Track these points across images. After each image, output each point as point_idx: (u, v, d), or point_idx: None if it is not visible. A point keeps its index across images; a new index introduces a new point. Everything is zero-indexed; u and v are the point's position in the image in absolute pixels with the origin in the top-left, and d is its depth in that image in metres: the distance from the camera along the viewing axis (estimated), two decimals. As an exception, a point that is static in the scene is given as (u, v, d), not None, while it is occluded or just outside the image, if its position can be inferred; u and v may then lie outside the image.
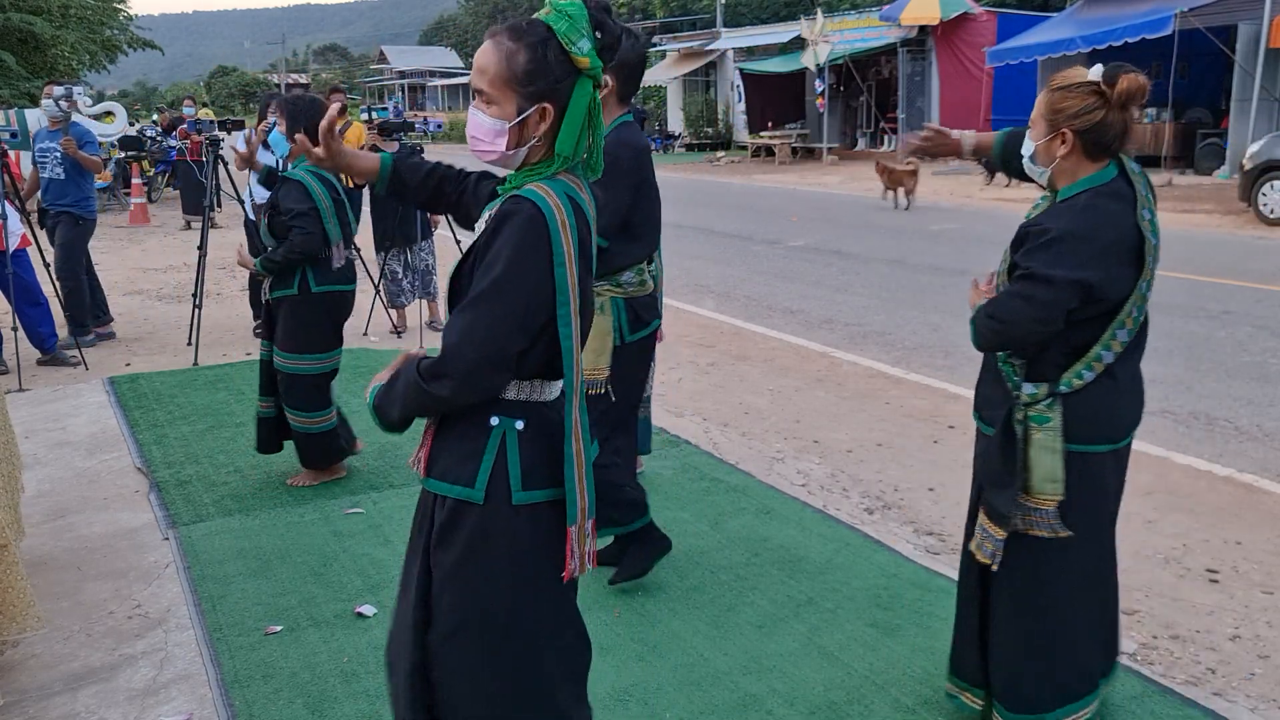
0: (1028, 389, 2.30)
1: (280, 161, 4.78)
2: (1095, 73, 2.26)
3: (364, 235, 7.84)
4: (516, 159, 1.81)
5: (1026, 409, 2.30)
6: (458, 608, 1.81)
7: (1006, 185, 17.13)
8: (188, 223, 14.12)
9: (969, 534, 2.51)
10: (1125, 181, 2.30)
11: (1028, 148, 2.37)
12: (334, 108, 2.22)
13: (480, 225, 1.81)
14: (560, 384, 1.82)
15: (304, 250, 4.06)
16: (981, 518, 2.40)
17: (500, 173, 1.94)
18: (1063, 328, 2.23)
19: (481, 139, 1.79)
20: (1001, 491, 2.33)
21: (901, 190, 14.88)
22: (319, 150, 2.05)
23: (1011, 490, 2.32)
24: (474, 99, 1.81)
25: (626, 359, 3.23)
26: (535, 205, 1.69)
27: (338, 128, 2.08)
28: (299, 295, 4.15)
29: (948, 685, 2.66)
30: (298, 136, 2.12)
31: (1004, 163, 2.65)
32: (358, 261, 7.88)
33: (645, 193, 3.17)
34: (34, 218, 7.44)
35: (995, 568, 2.38)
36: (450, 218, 2.44)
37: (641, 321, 3.26)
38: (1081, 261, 2.18)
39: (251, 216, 6.85)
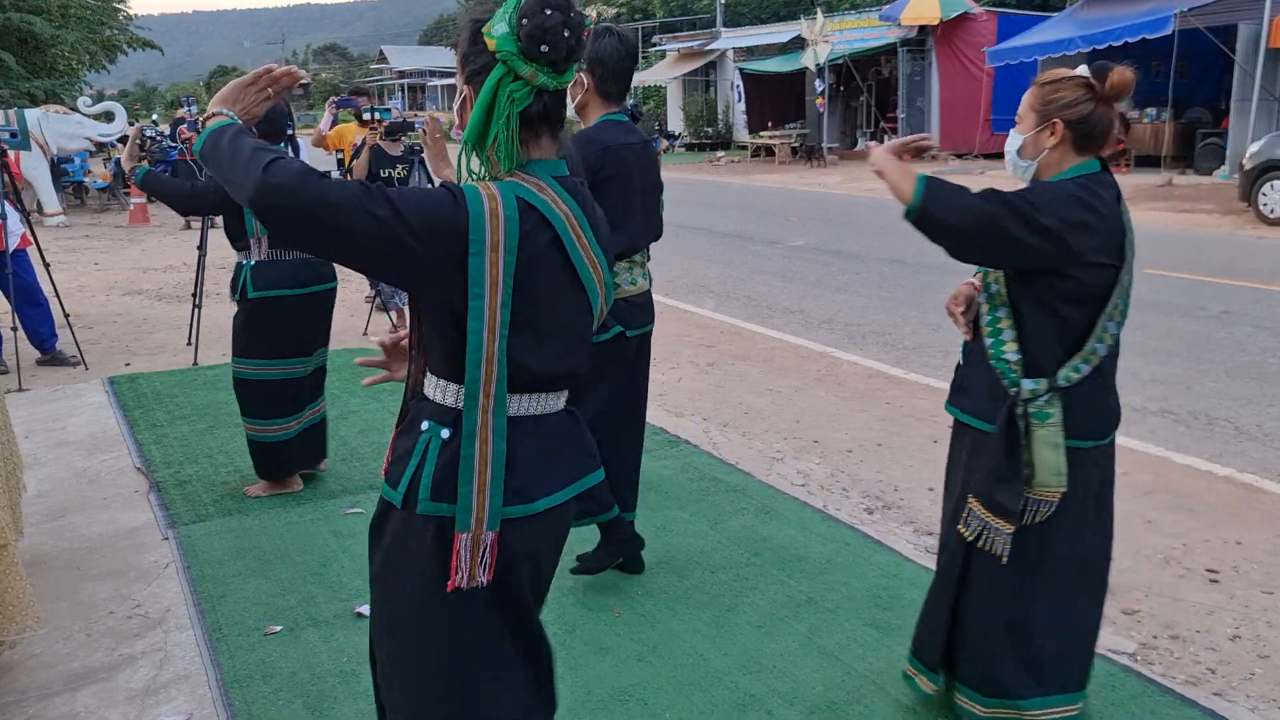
0: (1028, 384, 2.32)
1: None
2: (1083, 70, 2.33)
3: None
4: None
5: (1027, 405, 2.32)
6: (376, 604, 1.82)
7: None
8: (187, 223, 14.13)
9: (952, 521, 2.52)
10: (1109, 175, 2.35)
11: (1014, 142, 2.40)
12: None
13: None
14: (518, 399, 1.72)
15: (209, 189, 4.03)
16: (980, 510, 2.39)
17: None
18: (1030, 268, 2.26)
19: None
20: (1007, 486, 2.34)
21: None
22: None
23: (1016, 484, 2.33)
24: None
25: (603, 358, 3.15)
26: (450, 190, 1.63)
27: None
28: (241, 299, 4.07)
29: (907, 667, 2.69)
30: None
31: None
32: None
33: (611, 189, 3.12)
34: (33, 217, 7.41)
35: (1005, 560, 2.38)
36: None
37: (633, 321, 3.26)
38: (1068, 219, 2.20)
39: (251, 216, 6.83)
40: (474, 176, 1.71)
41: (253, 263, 4.06)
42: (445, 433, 1.70)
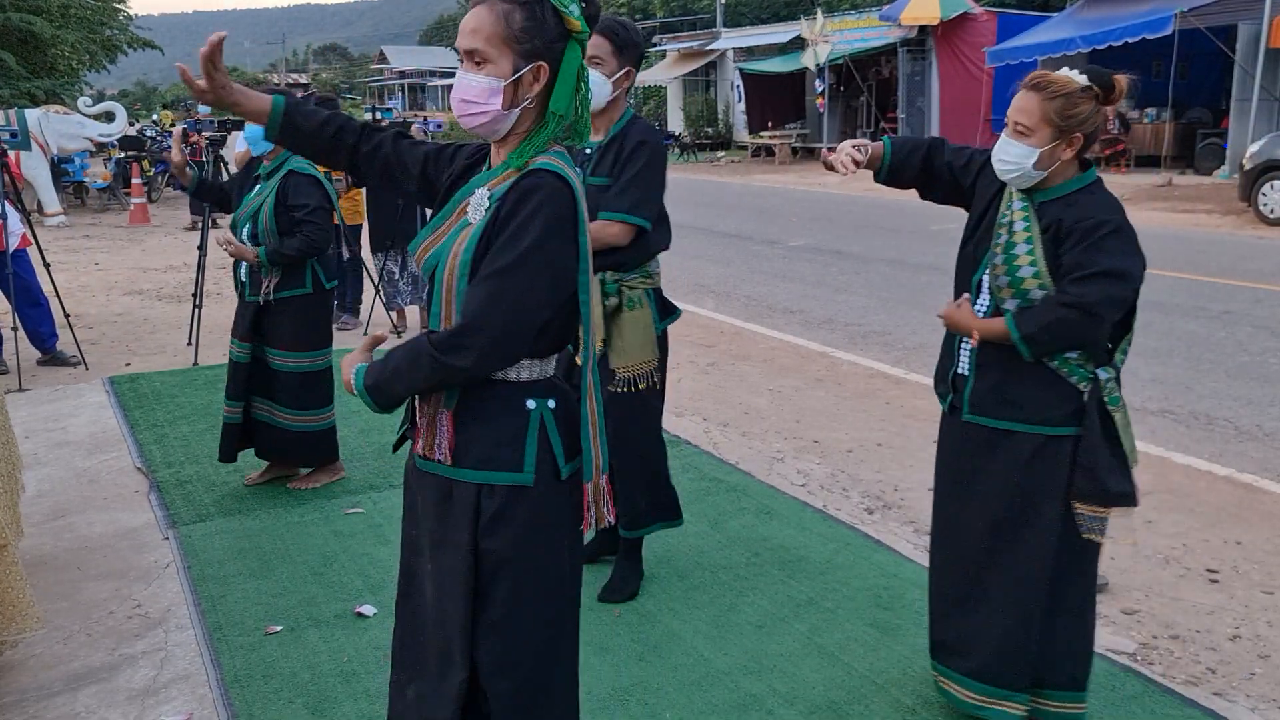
0: (1103, 374, 2.38)
1: (259, 158, 4.42)
2: (1081, 78, 2.32)
3: (364, 234, 7.86)
4: (508, 121, 1.79)
5: (1106, 394, 2.39)
6: (523, 588, 1.83)
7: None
8: (193, 223, 14.11)
9: (992, 529, 2.52)
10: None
11: (1023, 153, 2.34)
12: (216, 35, 1.89)
13: (481, 202, 1.80)
14: (555, 356, 1.88)
15: (320, 245, 4.09)
16: (1091, 510, 2.41)
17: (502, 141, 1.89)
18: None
19: (474, 100, 1.76)
20: (1118, 474, 2.37)
21: None
22: (201, 83, 1.84)
23: (1125, 469, 2.39)
24: (462, 63, 1.79)
25: (660, 349, 3.29)
26: (558, 177, 1.74)
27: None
28: (313, 293, 4.18)
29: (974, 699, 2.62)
30: (177, 65, 1.96)
31: (892, 174, 2.74)
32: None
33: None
34: (33, 217, 7.41)
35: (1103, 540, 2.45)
36: (352, 176, 2.44)
37: (668, 309, 3.34)
38: (1137, 249, 2.33)
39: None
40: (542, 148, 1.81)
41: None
42: (552, 403, 1.83)
